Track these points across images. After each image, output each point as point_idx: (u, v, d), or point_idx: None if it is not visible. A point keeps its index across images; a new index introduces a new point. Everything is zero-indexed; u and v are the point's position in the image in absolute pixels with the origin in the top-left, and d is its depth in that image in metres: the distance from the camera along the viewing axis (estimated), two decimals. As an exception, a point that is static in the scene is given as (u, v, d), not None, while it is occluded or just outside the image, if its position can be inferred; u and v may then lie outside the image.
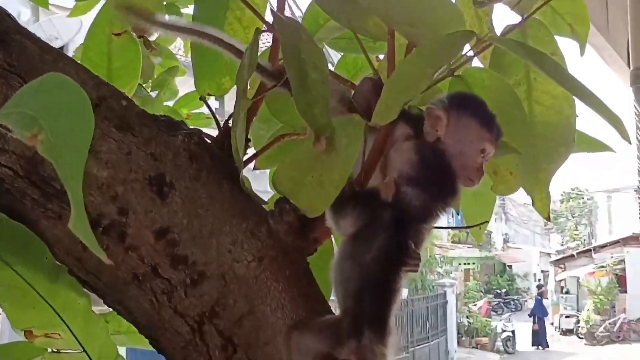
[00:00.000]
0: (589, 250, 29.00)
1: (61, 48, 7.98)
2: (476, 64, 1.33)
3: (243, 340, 1.12)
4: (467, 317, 24.20)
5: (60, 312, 1.25)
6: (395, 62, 1.20)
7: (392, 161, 1.12)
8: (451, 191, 1.12)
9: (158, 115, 1.24)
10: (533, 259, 38.18)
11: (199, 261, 1.13)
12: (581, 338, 25.98)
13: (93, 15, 1.63)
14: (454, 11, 1.12)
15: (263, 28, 1.26)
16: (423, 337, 18.19)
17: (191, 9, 1.52)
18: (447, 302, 20.63)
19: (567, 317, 28.18)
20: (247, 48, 1.19)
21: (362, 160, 1.16)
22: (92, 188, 1.13)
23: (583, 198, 45.00)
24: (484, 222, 1.52)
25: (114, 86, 1.24)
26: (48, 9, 7.05)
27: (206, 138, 1.24)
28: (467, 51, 1.24)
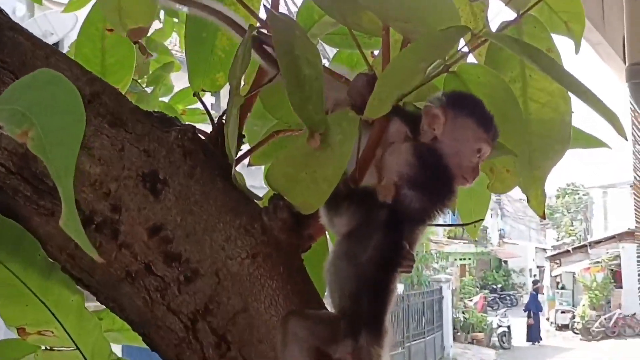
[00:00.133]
0: (585, 245, 29.06)
1: (56, 44, 7.96)
2: (472, 61, 1.33)
3: (237, 337, 1.12)
4: (463, 313, 24.23)
5: (53, 310, 1.24)
6: (390, 58, 1.19)
7: (389, 163, 1.11)
8: (449, 193, 1.12)
9: (151, 111, 1.23)
10: (529, 255, 38.22)
11: (193, 258, 1.13)
12: (577, 333, 26.04)
13: (88, 10, 1.62)
14: (449, 7, 1.11)
15: (257, 25, 1.25)
16: (419, 333, 18.24)
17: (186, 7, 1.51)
18: (443, 298, 20.68)
19: (563, 313, 28.23)
20: (240, 44, 1.19)
21: (357, 156, 1.15)
22: (85, 185, 1.12)
23: (579, 194, 45.04)
24: (479, 220, 1.52)
25: (108, 82, 1.24)
26: (41, 4, 7.02)
27: (200, 134, 1.24)
28: (462, 47, 1.24)
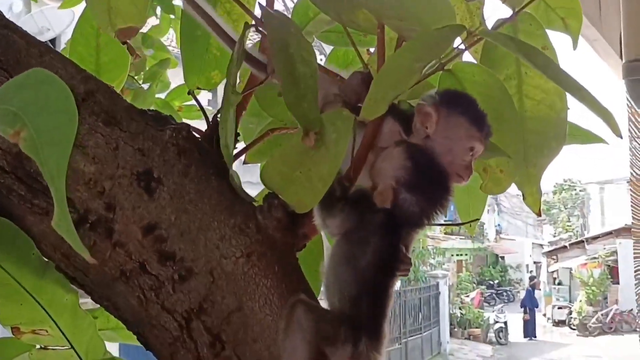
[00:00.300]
0: (582, 241, 29.07)
1: (53, 40, 7.95)
2: (467, 58, 1.33)
3: (231, 336, 1.12)
4: (460, 308, 24.25)
5: (47, 309, 1.24)
6: (385, 56, 1.19)
7: (385, 168, 1.11)
8: (446, 194, 1.12)
9: (146, 109, 1.22)
10: (525, 250, 38.27)
11: (187, 257, 1.13)
12: (573, 329, 26.09)
13: (84, 6, 1.61)
14: (445, 5, 1.11)
15: (252, 22, 1.24)
16: (416, 328, 18.26)
17: (180, 1, 1.51)
18: (440, 294, 20.69)
19: (560, 308, 28.29)
20: (236, 43, 1.18)
21: (351, 155, 1.15)
22: (79, 183, 1.12)
23: (576, 189, 45.10)
24: (475, 220, 1.52)
25: (102, 80, 1.23)
26: (37, 2, 7.00)
27: (195, 133, 1.23)
28: (458, 45, 1.23)
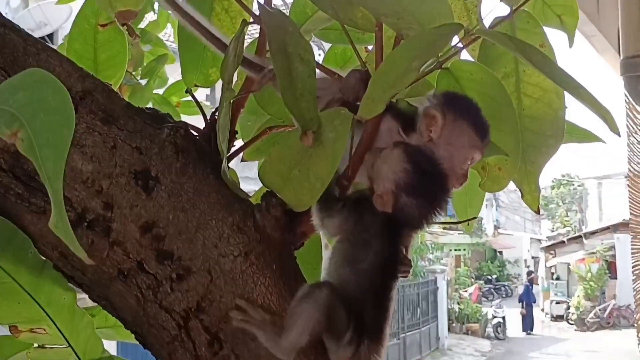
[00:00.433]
0: (580, 236, 29.05)
1: (51, 35, 7.94)
2: (465, 56, 1.33)
3: (229, 335, 1.12)
4: (458, 303, 24.25)
5: (45, 307, 1.23)
6: (383, 54, 1.19)
7: (384, 171, 1.11)
8: (446, 197, 1.12)
9: (144, 108, 1.22)
10: (524, 245, 38.27)
11: (185, 256, 1.12)
12: (571, 324, 26.09)
13: (82, 1, 1.61)
14: (442, 3, 1.11)
15: (249, 20, 1.24)
16: (414, 323, 18.26)
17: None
18: (438, 289, 20.70)
19: (558, 303, 28.28)
20: (233, 39, 1.18)
21: (350, 154, 1.15)
22: (77, 182, 1.12)
23: (574, 184, 45.08)
24: (473, 218, 1.52)
25: (99, 78, 1.23)
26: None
27: (193, 131, 1.23)
28: (456, 43, 1.23)
